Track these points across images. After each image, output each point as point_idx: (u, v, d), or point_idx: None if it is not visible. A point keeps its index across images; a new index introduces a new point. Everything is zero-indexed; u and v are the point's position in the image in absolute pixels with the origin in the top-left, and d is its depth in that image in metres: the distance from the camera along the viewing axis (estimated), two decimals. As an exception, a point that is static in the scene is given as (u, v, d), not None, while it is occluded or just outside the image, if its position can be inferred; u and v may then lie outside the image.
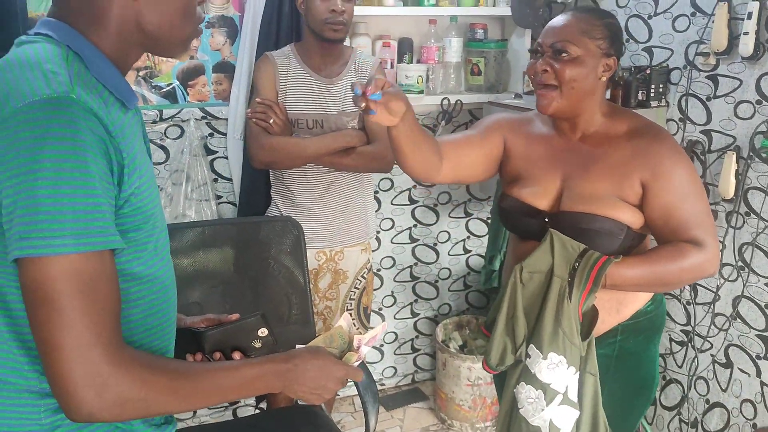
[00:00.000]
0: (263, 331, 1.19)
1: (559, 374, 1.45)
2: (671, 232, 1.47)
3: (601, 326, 1.52)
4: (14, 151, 0.81)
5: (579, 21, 1.50)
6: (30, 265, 0.82)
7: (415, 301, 3.07)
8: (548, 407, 1.47)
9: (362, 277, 2.34)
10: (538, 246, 1.49)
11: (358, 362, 1.15)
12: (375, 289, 2.95)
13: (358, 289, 2.34)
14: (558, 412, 1.47)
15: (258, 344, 1.19)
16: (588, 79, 1.49)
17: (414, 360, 3.15)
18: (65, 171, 0.81)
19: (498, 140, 1.66)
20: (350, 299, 2.33)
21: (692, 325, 2.34)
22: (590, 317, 1.46)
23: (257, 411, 2.68)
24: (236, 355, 1.16)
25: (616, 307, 1.55)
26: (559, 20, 1.53)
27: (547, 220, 1.54)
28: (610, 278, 1.42)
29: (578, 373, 1.46)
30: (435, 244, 3.03)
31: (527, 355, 1.50)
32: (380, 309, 3.01)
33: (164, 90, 2.45)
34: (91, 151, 0.83)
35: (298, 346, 1.13)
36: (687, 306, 2.35)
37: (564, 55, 1.48)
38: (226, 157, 2.55)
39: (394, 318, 3.06)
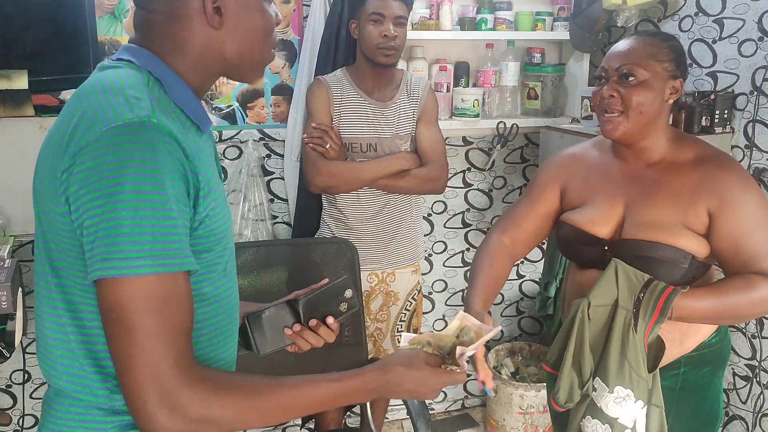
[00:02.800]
0: (349, 292, 1.20)
1: (626, 408, 1.41)
2: (741, 264, 1.42)
3: (663, 358, 1.47)
4: (98, 174, 0.83)
5: (645, 44, 1.47)
6: (108, 286, 0.84)
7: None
8: None
9: (413, 298, 2.34)
10: (601, 277, 1.45)
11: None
12: (426, 313, 2.93)
13: (408, 311, 2.33)
14: None
15: (344, 307, 1.20)
16: (655, 103, 1.46)
17: (464, 385, 3.11)
18: (145, 194, 0.83)
19: (552, 195, 1.66)
20: (401, 321, 2.32)
21: (758, 359, 2.24)
22: (656, 348, 1.41)
23: (305, 430, 2.68)
24: (330, 320, 1.18)
25: (679, 339, 1.50)
26: (623, 44, 1.50)
27: (606, 248, 1.50)
28: (677, 310, 1.38)
29: (646, 406, 1.41)
30: (488, 269, 2.99)
31: (593, 389, 1.46)
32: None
33: (224, 111, 2.50)
34: (169, 174, 0.85)
35: (404, 337, 1.11)
36: (752, 339, 2.26)
37: (631, 79, 1.45)
38: (283, 178, 2.59)
39: (445, 342, 3.03)
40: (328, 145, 2.11)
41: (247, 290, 2.00)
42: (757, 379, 2.25)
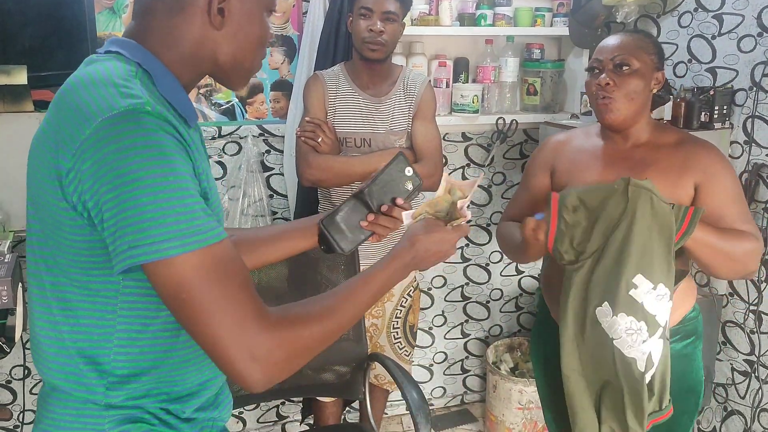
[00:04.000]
0: (409, 170, 1.24)
1: (663, 306, 1.48)
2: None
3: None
4: (105, 166, 0.82)
5: (634, 38, 1.62)
6: (160, 271, 0.84)
7: (466, 321, 3.04)
8: (650, 339, 1.47)
9: (408, 295, 2.33)
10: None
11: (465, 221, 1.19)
12: (425, 308, 2.93)
13: (404, 307, 2.32)
14: (657, 345, 1.48)
15: (409, 185, 1.24)
16: (645, 91, 1.60)
17: (464, 381, 3.12)
18: (158, 177, 0.82)
19: (544, 181, 1.77)
20: (396, 317, 2.32)
21: (756, 354, 2.25)
22: (678, 275, 1.50)
23: (304, 426, 2.69)
24: (399, 201, 1.23)
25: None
26: (614, 38, 1.64)
27: None
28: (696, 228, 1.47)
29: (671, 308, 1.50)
30: (487, 264, 3.00)
31: (634, 286, 1.48)
32: (430, 328, 2.99)
33: (223, 107, 2.50)
34: (176, 154, 0.85)
35: (405, 216, 1.17)
36: (751, 335, 2.27)
37: (626, 68, 1.58)
38: (282, 174, 2.59)
39: (444, 338, 3.03)
40: (320, 139, 2.11)
41: (247, 286, 2.00)
42: (756, 374, 2.26)
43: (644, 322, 1.46)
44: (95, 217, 0.85)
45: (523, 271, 3.06)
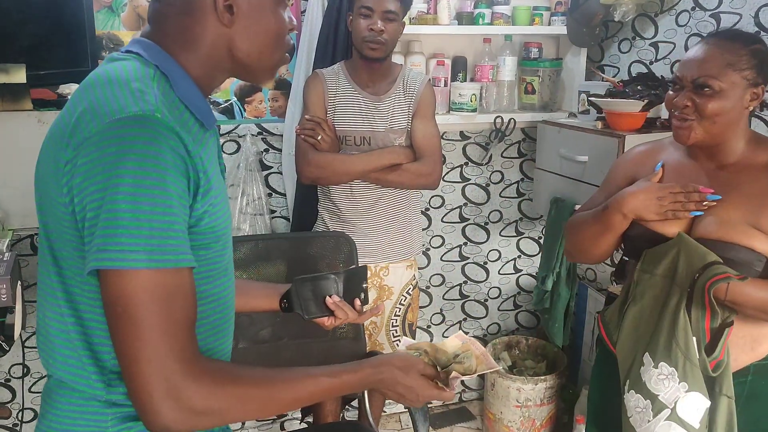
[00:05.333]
0: (365, 286, 1.34)
1: (667, 387, 1.41)
2: None
3: (734, 364, 1.45)
4: (100, 166, 0.83)
5: (723, 52, 1.43)
6: (110, 279, 0.84)
7: (464, 319, 3.05)
8: (654, 419, 1.42)
9: (408, 293, 2.34)
10: (661, 245, 1.45)
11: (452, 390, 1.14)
12: (424, 307, 2.94)
13: (403, 305, 2.33)
14: (664, 428, 1.41)
15: (362, 297, 1.36)
16: (733, 111, 1.43)
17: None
18: (145, 188, 0.83)
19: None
20: (395, 315, 2.33)
21: (753, 352, 2.25)
22: (719, 331, 1.40)
23: (303, 424, 2.69)
24: (357, 302, 1.34)
25: (750, 345, 1.48)
26: (701, 51, 1.46)
27: None
28: (731, 293, 1.37)
29: (691, 391, 1.40)
30: (485, 263, 3.01)
31: (642, 363, 1.46)
32: (428, 327, 3.00)
33: (222, 106, 2.51)
34: (171, 170, 0.85)
35: (404, 342, 1.18)
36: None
37: (707, 89, 1.42)
38: (281, 173, 2.59)
39: (443, 336, 3.04)
40: (319, 137, 2.12)
41: (246, 284, 2.01)
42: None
43: (649, 401, 1.42)
44: (78, 214, 0.86)
45: (521, 270, 3.07)
